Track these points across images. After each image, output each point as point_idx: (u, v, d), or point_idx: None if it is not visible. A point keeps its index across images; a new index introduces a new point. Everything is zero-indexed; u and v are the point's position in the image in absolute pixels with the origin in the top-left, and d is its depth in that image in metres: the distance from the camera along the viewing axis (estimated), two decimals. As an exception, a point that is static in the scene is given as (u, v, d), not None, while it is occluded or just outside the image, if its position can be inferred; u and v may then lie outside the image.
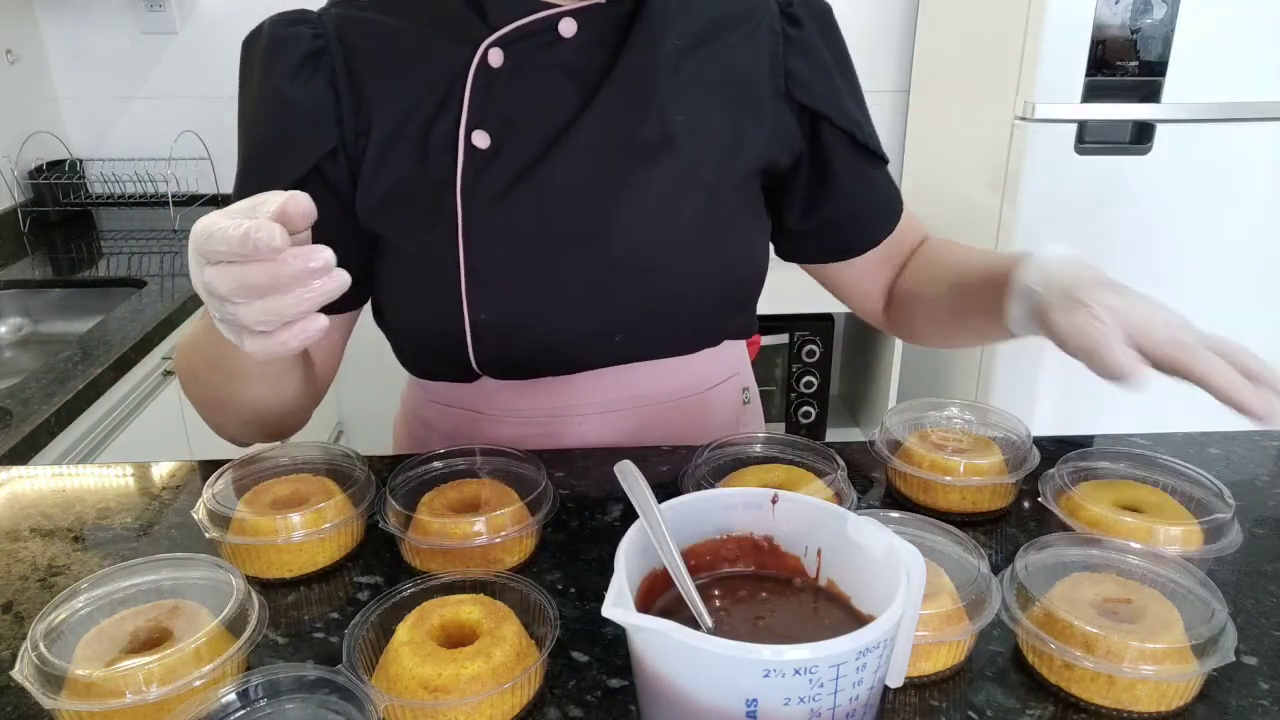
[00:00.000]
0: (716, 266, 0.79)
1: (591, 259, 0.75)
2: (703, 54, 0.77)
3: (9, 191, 2.02)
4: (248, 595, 0.55)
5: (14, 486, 0.78)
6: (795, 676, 0.39)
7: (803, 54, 0.80)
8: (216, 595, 0.55)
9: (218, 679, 0.51)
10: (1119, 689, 0.51)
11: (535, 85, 0.74)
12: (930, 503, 0.71)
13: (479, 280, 0.74)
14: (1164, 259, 1.84)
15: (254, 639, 0.53)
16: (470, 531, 0.62)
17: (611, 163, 0.74)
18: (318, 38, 0.73)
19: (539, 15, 0.72)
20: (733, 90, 0.78)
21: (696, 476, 0.70)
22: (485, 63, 0.72)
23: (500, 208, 0.73)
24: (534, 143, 0.74)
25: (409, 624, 0.53)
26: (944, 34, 2.21)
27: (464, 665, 0.50)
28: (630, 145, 0.74)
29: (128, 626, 0.54)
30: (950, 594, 0.55)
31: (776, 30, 0.79)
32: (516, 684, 0.50)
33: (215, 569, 0.57)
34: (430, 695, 0.49)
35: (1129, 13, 1.65)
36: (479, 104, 0.73)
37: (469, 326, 0.75)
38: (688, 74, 0.76)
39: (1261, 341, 2.21)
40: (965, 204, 2.05)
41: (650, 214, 0.75)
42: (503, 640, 0.52)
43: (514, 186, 0.73)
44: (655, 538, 0.48)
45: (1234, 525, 0.63)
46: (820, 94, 0.81)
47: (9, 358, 1.71)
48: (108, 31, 2.16)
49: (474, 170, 0.73)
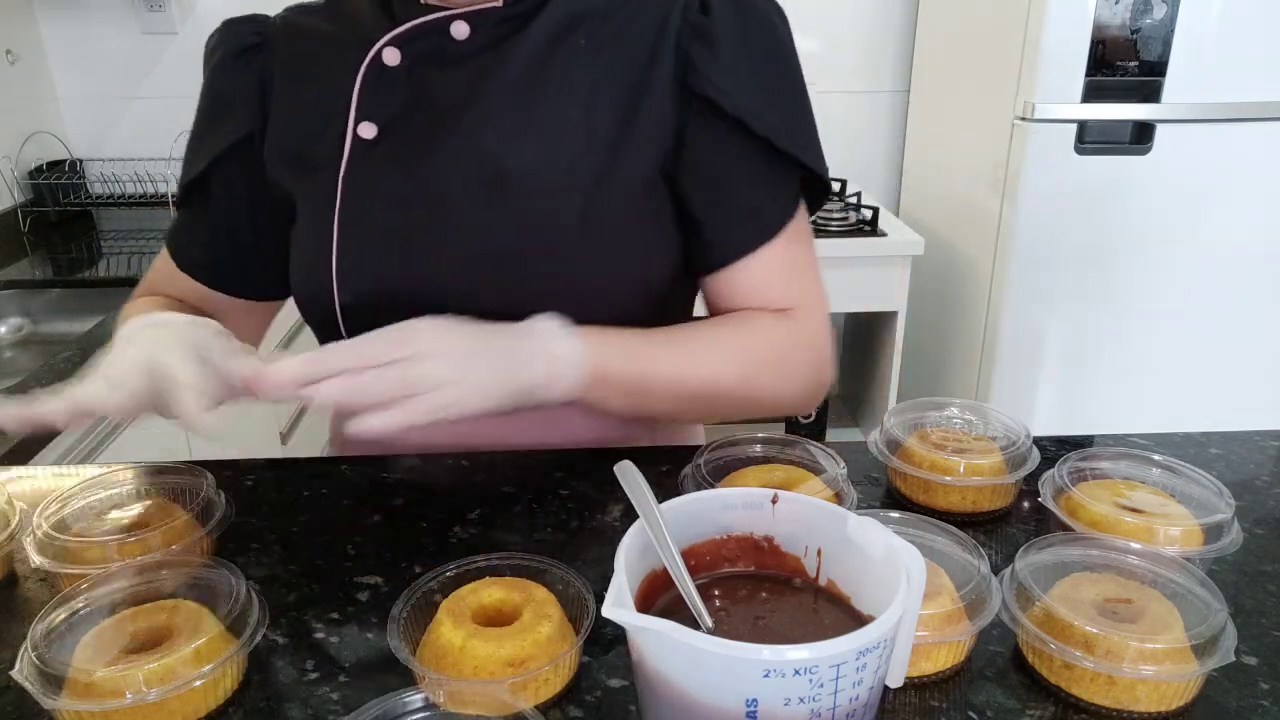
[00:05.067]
0: (590, 272, 0.75)
1: (462, 255, 0.75)
2: (611, 51, 0.75)
3: (9, 191, 2.02)
4: (248, 595, 0.55)
5: (14, 486, 0.78)
6: (795, 677, 0.39)
7: (705, 40, 0.75)
8: (216, 595, 0.55)
9: (218, 679, 0.51)
10: (1119, 689, 0.51)
11: (425, 84, 0.76)
12: (930, 503, 0.71)
13: (348, 263, 0.76)
14: (1164, 259, 1.84)
15: (254, 639, 0.53)
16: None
17: (488, 160, 0.74)
18: (257, 35, 0.81)
19: (432, 17, 0.75)
20: (629, 86, 0.75)
21: (697, 477, 0.70)
22: (379, 60, 0.76)
23: (375, 199, 0.76)
24: (417, 139, 0.76)
25: (451, 614, 0.54)
26: (944, 34, 2.21)
27: (527, 635, 0.52)
28: (509, 143, 0.74)
29: (128, 627, 0.54)
30: (950, 594, 0.55)
31: (686, 19, 0.75)
32: (573, 650, 0.53)
33: (216, 569, 0.57)
34: (515, 670, 0.51)
35: (1129, 13, 1.65)
36: (369, 98, 0.76)
37: (339, 307, 0.77)
38: (584, 72, 0.75)
39: (1261, 341, 2.21)
40: (965, 204, 2.05)
41: (524, 214, 0.74)
42: (546, 617, 0.53)
43: (389, 177, 0.76)
44: (655, 538, 0.48)
45: (1234, 525, 0.63)
46: (714, 81, 0.74)
47: (9, 358, 1.71)
48: (108, 31, 2.16)
49: (356, 159, 0.76)
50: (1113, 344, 1.91)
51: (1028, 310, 1.89)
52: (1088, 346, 1.91)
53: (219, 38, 0.83)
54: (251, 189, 0.82)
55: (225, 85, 0.81)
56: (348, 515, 0.72)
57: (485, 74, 0.75)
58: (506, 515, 0.71)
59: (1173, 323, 1.89)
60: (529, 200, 0.75)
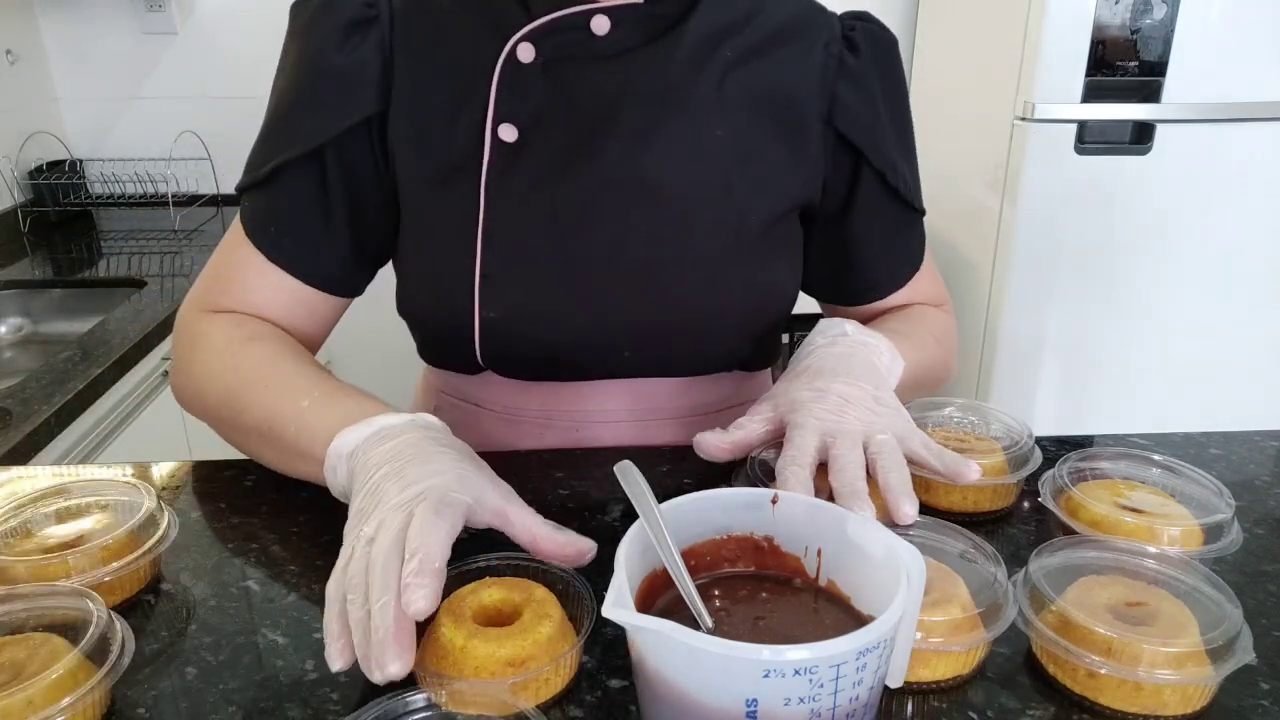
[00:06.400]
0: (737, 293, 0.76)
1: (608, 269, 0.73)
2: (753, 68, 0.75)
3: (9, 191, 2.02)
4: (109, 623, 0.52)
5: (14, 486, 0.78)
6: (795, 677, 0.39)
7: (853, 82, 0.77)
8: (75, 626, 0.52)
9: (77, 715, 0.48)
10: (1146, 694, 0.51)
11: (565, 83, 0.72)
12: (932, 503, 0.70)
13: (492, 279, 0.73)
14: (1164, 259, 1.84)
15: (118, 669, 0.50)
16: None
17: (639, 172, 0.72)
18: (369, 5, 0.73)
19: (571, 10, 0.71)
20: (776, 109, 0.75)
21: (751, 475, 0.70)
22: (514, 57, 0.71)
23: (523, 208, 0.72)
24: (561, 142, 0.72)
25: (451, 614, 0.53)
26: (944, 34, 2.21)
27: (527, 635, 0.52)
28: (661, 156, 0.72)
29: None
30: (961, 603, 0.54)
31: (833, 53, 0.76)
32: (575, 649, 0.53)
33: (75, 597, 0.54)
34: (515, 669, 0.51)
35: (1129, 13, 1.65)
36: (506, 98, 0.72)
37: (478, 324, 0.74)
38: (733, 88, 0.74)
39: (1261, 341, 2.21)
40: (965, 204, 2.05)
41: (674, 229, 0.73)
42: (547, 617, 0.53)
43: (538, 187, 0.72)
44: (655, 538, 0.48)
45: (1234, 525, 0.63)
46: (862, 127, 0.77)
47: (9, 358, 1.71)
48: (108, 31, 2.16)
49: (500, 165, 0.72)
50: (1113, 344, 1.91)
51: (1027, 310, 1.89)
52: (1088, 346, 1.91)
53: (316, 8, 0.74)
54: (376, 173, 0.75)
55: (338, 59, 0.72)
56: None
57: (631, 79, 0.72)
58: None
59: (1173, 322, 1.89)
60: (682, 218, 0.73)
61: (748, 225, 0.75)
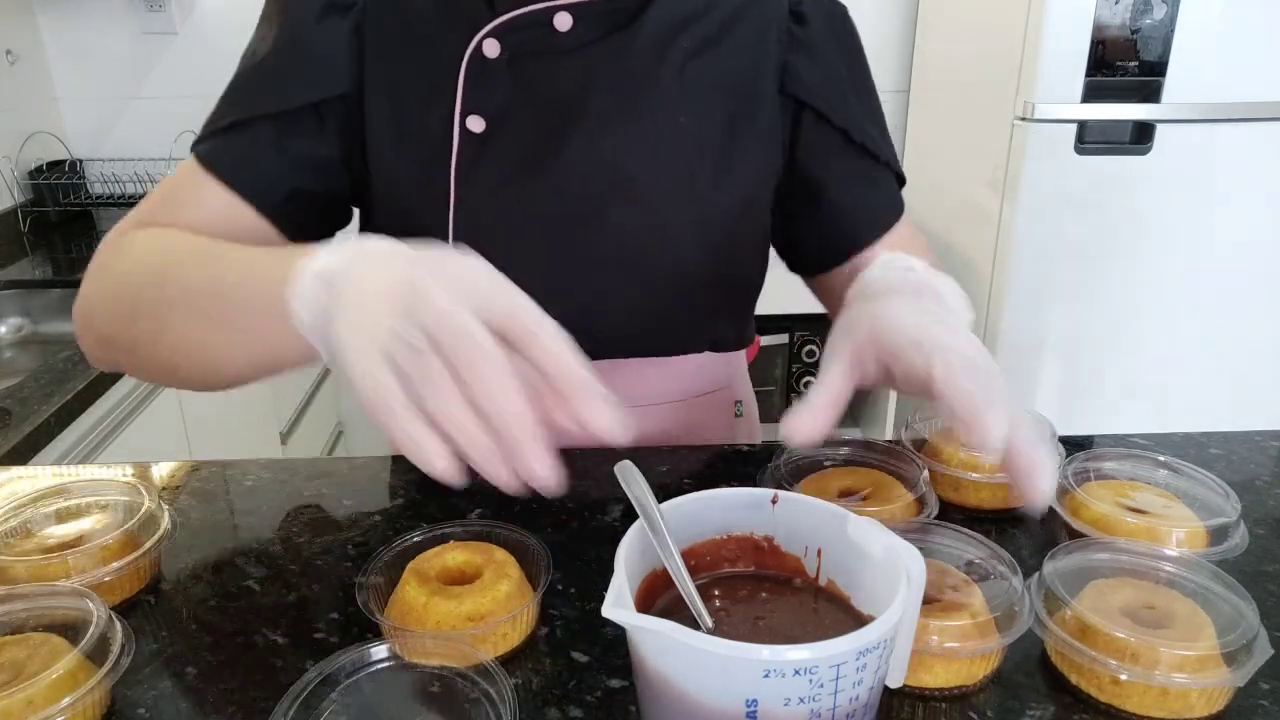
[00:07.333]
0: (708, 270, 0.78)
1: (577, 257, 0.75)
2: (711, 56, 0.77)
3: (9, 191, 2.02)
4: (109, 623, 0.52)
5: (14, 486, 0.78)
6: (795, 677, 0.39)
7: (803, 50, 0.78)
8: (75, 626, 0.52)
9: (77, 715, 0.48)
10: (1172, 698, 0.51)
11: (529, 77, 0.74)
12: (961, 501, 0.71)
13: None
14: (1163, 259, 1.84)
15: (118, 669, 0.50)
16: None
17: (605, 162, 0.74)
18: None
19: (533, 8, 0.73)
20: (735, 94, 0.77)
21: (776, 477, 0.69)
22: (480, 52, 0.73)
23: (493, 198, 0.74)
24: (529, 134, 0.74)
25: (416, 575, 0.57)
26: (944, 34, 2.21)
27: (486, 592, 0.56)
28: (626, 146, 0.74)
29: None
30: (972, 611, 0.54)
31: (783, 29, 0.78)
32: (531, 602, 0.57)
33: (74, 597, 0.54)
34: (475, 624, 0.54)
35: (1129, 13, 1.65)
36: (473, 92, 0.74)
37: None
38: (693, 76, 0.76)
39: (1262, 341, 2.21)
40: (965, 204, 2.05)
41: (641, 217, 0.75)
42: (505, 576, 0.57)
43: (507, 177, 0.74)
44: (655, 538, 0.48)
45: (1240, 527, 0.63)
46: (814, 88, 0.78)
47: (9, 358, 1.71)
48: (108, 31, 2.16)
49: (469, 155, 0.74)
50: (1113, 343, 1.91)
51: (1027, 310, 1.89)
52: (1088, 346, 1.91)
53: None
54: (345, 144, 0.76)
55: (312, 36, 0.74)
56: (348, 515, 0.72)
57: (592, 72, 0.74)
58: (507, 515, 0.71)
59: (1173, 322, 1.89)
60: (649, 206, 0.75)
61: (714, 209, 0.77)
